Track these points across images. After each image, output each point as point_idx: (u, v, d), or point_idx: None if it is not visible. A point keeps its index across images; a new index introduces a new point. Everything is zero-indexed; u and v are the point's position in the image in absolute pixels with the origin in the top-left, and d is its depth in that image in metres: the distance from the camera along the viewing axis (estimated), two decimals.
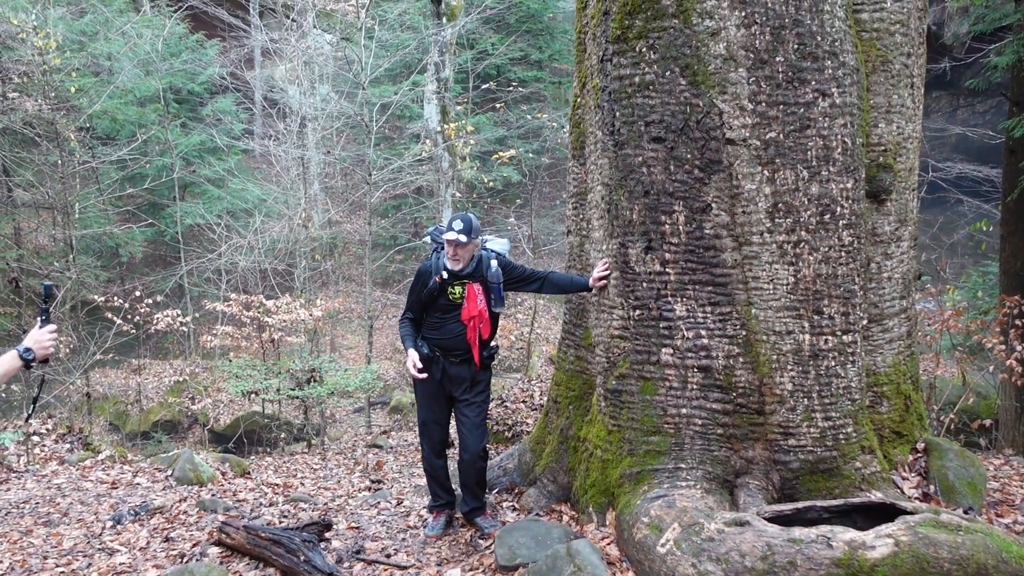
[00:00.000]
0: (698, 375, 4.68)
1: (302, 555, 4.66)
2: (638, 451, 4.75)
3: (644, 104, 4.69)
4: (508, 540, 4.72)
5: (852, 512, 4.18)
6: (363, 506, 6.27)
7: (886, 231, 5.12)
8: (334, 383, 11.85)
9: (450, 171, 18.20)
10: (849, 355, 4.66)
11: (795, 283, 4.58)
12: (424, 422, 5.35)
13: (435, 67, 18.24)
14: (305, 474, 9.09)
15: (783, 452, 4.63)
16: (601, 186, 5.03)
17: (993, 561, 3.78)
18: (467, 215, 5.07)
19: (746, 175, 4.57)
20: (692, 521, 4.09)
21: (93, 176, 18.60)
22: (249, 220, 19.51)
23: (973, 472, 5.11)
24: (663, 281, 4.73)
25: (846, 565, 3.67)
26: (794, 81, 4.51)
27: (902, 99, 5.06)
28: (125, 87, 19.80)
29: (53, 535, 5.95)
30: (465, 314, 5.09)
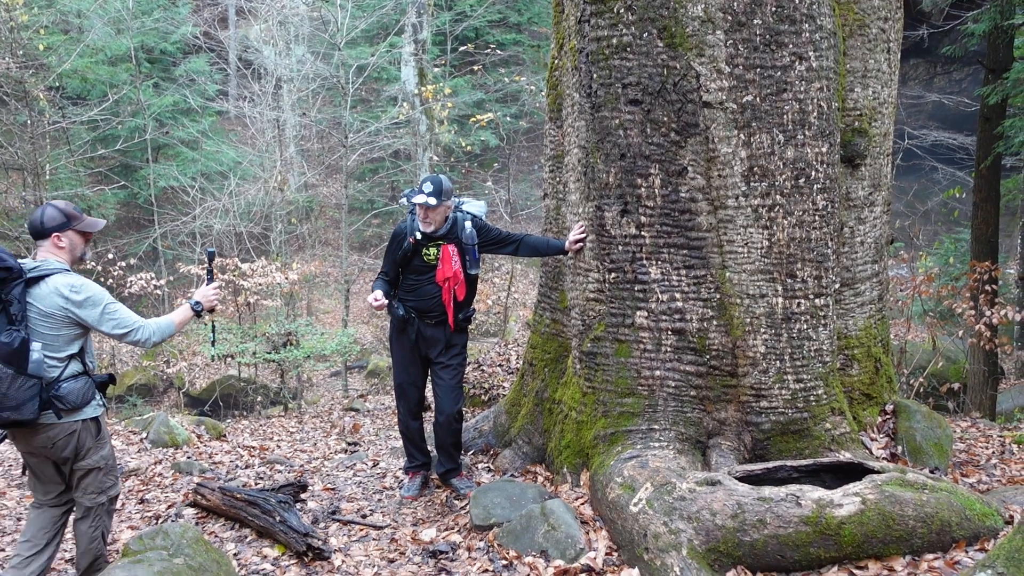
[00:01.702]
0: (672, 338, 4.72)
1: (278, 516, 4.68)
2: (612, 413, 4.80)
3: (621, 66, 4.67)
4: (483, 500, 4.77)
5: (821, 472, 4.26)
6: (339, 468, 6.30)
7: (860, 196, 5.16)
8: (311, 347, 11.83)
9: (428, 135, 18.07)
10: (821, 318, 4.71)
11: (769, 247, 4.60)
12: (400, 384, 5.37)
13: (412, 28, 18.03)
14: (281, 437, 9.10)
15: (755, 413, 4.69)
16: (578, 149, 5.02)
17: (956, 519, 3.87)
18: (438, 176, 5.04)
19: (722, 138, 4.57)
20: (664, 481, 4.15)
21: (64, 137, 18.28)
22: (224, 183, 19.30)
23: (940, 433, 5.21)
24: (638, 244, 4.74)
25: (814, 523, 3.74)
26: (771, 44, 4.50)
27: (878, 64, 5.07)
28: (95, 46, 19.39)
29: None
30: (440, 275, 5.09)
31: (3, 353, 3.54)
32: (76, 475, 3.92)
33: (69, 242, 3.86)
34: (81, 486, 3.94)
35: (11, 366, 3.55)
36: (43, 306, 3.68)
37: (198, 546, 3.91)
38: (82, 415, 3.82)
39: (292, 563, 4.44)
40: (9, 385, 3.54)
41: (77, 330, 3.80)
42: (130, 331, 3.83)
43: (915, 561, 3.78)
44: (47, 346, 3.69)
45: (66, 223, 3.83)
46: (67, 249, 3.86)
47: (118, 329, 3.80)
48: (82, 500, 3.97)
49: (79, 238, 3.92)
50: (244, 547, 4.69)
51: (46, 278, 3.70)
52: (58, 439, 3.77)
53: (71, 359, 3.78)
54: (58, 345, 3.74)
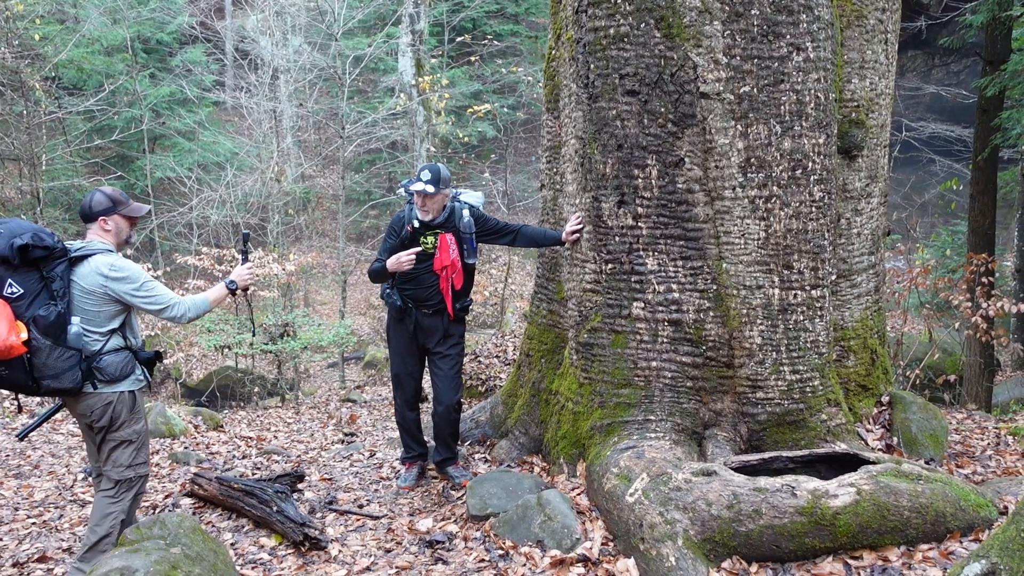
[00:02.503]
0: (668, 329, 4.72)
1: (275, 505, 4.68)
2: (609, 403, 4.80)
3: (618, 56, 4.66)
4: (480, 490, 4.78)
5: (817, 462, 4.27)
6: (336, 458, 6.31)
7: (857, 187, 5.16)
8: (308, 338, 11.83)
9: (425, 126, 18.03)
10: (817, 310, 4.72)
11: (766, 238, 4.61)
12: (397, 375, 5.36)
13: (410, 19, 17.97)
14: (278, 428, 9.11)
15: (751, 404, 4.70)
16: (575, 139, 5.02)
17: (951, 509, 3.88)
18: (435, 165, 5.04)
19: (719, 129, 4.57)
20: (660, 471, 4.16)
21: (60, 127, 18.23)
22: (221, 173, 19.26)
23: (935, 424, 5.22)
24: (635, 235, 4.74)
25: (809, 513, 3.75)
26: (769, 35, 4.49)
27: (876, 55, 5.07)
28: (92, 36, 19.33)
29: (24, 487, 5.94)
30: (438, 264, 5.08)
31: (42, 325, 3.80)
32: (108, 446, 4.11)
33: (115, 226, 4.13)
34: (111, 458, 4.12)
35: (49, 337, 3.81)
36: (85, 284, 3.93)
37: (195, 535, 3.91)
38: (119, 387, 4.05)
39: (289, 553, 4.45)
40: (48, 355, 3.80)
41: (117, 307, 4.04)
42: (165, 307, 4.08)
43: (910, 551, 3.80)
44: (88, 321, 3.94)
45: (112, 208, 4.11)
46: (113, 232, 4.13)
47: (154, 306, 4.06)
48: (110, 473, 4.12)
49: (125, 222, 4.18)
50: (241, 537, 4.70)
51: (88, 258, 3.96)
52: (95, 407, 4.00)
53: (112, 334, 4.04)
54: (99, 321, 3.99)
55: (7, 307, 3.75)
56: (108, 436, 4.08)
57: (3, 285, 3.79)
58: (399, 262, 4.95)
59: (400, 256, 4.96)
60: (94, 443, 4.18)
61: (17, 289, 3.80)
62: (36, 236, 3.81)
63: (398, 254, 4.98)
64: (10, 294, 3.79)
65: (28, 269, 3.82)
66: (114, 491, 4.12)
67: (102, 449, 4.13)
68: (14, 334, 3.71)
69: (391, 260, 4.98)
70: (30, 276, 3.83)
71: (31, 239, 3.78)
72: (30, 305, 3.80)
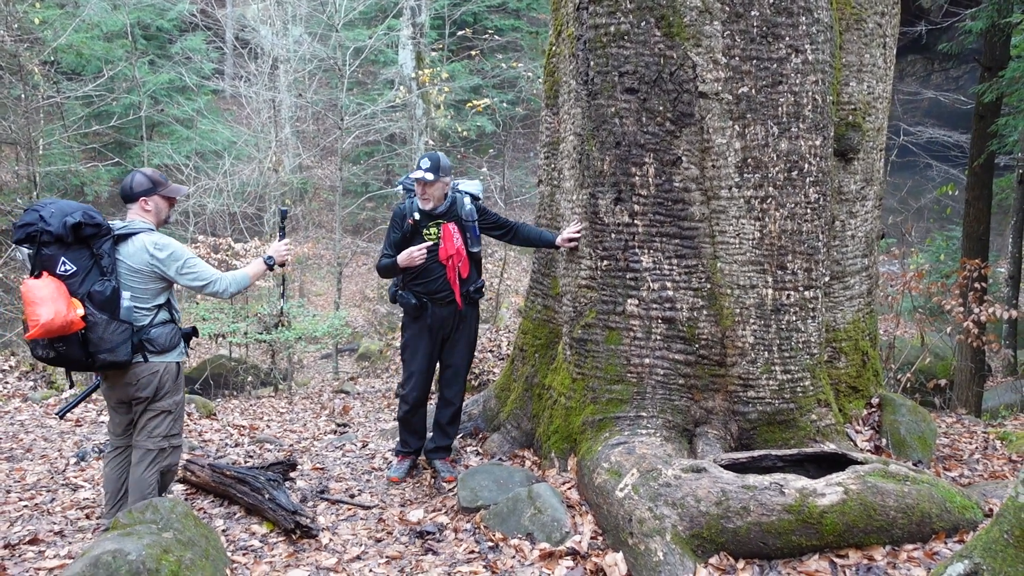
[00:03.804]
0: (662, 326, 4.75)
1: (266, 493, 4.71)
2: (601, 399, 4.83)
3: (618, 54, 4.68)
4: (471, 483, 4.81)
5: (805, 461, 4.31)
6: (328, 448, 6.34)
7: (852, 190, 5.19)
8: (302, 328, 11.84)
9: (424, 119, 18.02)
10: (810, 311, 4.75)
11: (761, 238, 4.64)
12: (412, 373, 5.28)
13: (411, 11, 17.95)
14: (271, 417, 9.14)
15: (742, 403, 4.73)
16: (573, 136, 5.04)
17: (937, 510, 3.92)
18: (435, 153, 5.06)
19: (717, 129, 4.60)
20: (650, 467, 4.19)
21: (58, 112, 18.18)
22: (218, 162, 19.23)
23: (924, 427, 5.27)
24: (631, 232, 4.77)
25: (797, 511, 3.79)
26: (768, 36, 4.52)
27: (874, 58, 5.10)
28: (91, 21, 19.27)
29: (16, 470, 5.95)
30: (443, 253, 5.09)
31: (98, 300, 4.00)
32: (148, 415, 4.28)
33: (155, 206, 4.33)
34: (148, 428, 4.29)
35: (105, 312, 4.02)
36: (132, 263, 4.16)
37: (187, 520, 3.93)
38: (167, 358, 4.29)
39: (280, 540, 4.48)
40: (104, 329, 4.00)
41: (162, 283, 4.28)
42: (208, 283, 4.30)
43: (895, 551, 3.84)
44: (136, 297, 4.18)
45: (152, 188, 4.31)
46: (153, 212, 4.33)
47: (197, 281, 4.28)
48: (146, 443, 4.28)
49: (164, 202, 4.39)
50: (233, 523, 4.73)
51: (132, 236, 4.16)
52: (142, 376, 4.21)
53: (159, 309, 4.28)
54: (146, 297, 4.23)
55: (62, 284, 3.92)
56: (150, 406, 4.26)
57: (57, 263, 3.95)
58: (411, 257, 4.99)
59: (412, 251, 5.00)
60: (128, 416, 4.35)
61: (71, 267, 3.97)
62: (86, 215, 3.99)
63: (409, 249, 5.01)
64: (64, 272, 3.96)
65: (79, 247, 3.99)
66: (148, 462, 4.28)
67: (141, 420, 4.29)
68: (73, 310, 3.88)
69: (403, 256, 5.01)
70: (82, 254, 4.00)
71: (82, 217, 3.96)
72: (83, 282, 3.98)
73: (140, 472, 4.29)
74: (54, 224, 3.91)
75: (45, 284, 3.90)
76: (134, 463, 4.33)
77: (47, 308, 3.82)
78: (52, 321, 3.82)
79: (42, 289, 3.87)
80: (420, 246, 5.04)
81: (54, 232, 3.91)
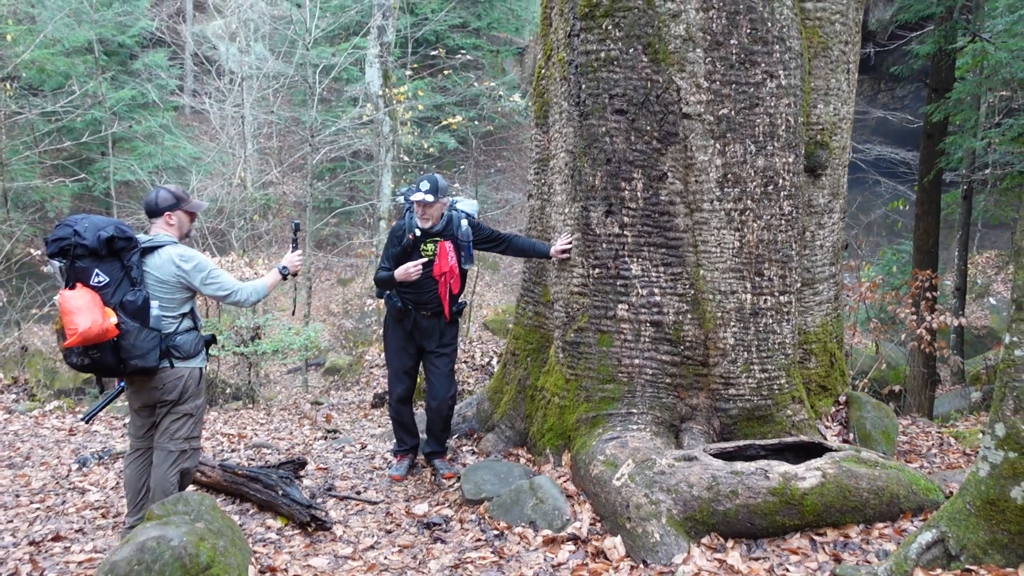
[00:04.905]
0: (650, 329, 5.13)
1: (280, 490, 4.96)
2: (594, 397, 5.19)
3: (608, 78, 5.07)
4: (473, 477, 5.12)
5: (785, 450, 4.70)
6: (328, 450, 6.59)
7: (820, 203, 5.64)
8: (279, 340, 12.02)
9: (391, 136, 18.32)
10: (785, 314, 5.16)
11: (740, 247, 5.04)
12: (395, 372, 5.67)
13: (378, 31, 18.27)
14: (254, 427, 9.30)
15: (724, 400, 5.12)
16: (565, 153, 5.41)
17: (904, 492, 4.34)
18: (434, 176, 5.38)
19: (699, 147, 5.00)
20: (645, 457, 4.55)
21: (26, 128, 18.14)
22: (181, 178, 19.29)
23: (887, 423, 5.71)
24: (621, 242, 5.14)
25: (780, 493, 4.17)
26: (746, 63, 4.94)
27: (839, 83, 5.56)
28: (54, 36, 19.26)
29: (20, 476, 6.10)
30: (437, 270, 5.41)
31: (130, 309, 4.20)
32: (170, 419, 4.47)
33: (178, 220, 4.55)
34: (170, 430, 4.47)
35: (137, 320, 4.22)
36: (159, 274, 4.35)
37: (215, 513, 4.18)
38: (191, 364, 4.49)
39: (296, 533, 4.74)
40: (136, 336, 4.21)
41: (187, 293, 4.47)
42: (230, 293, 4.55)
43: (868, 529, 4.24)
44: (163, 306, 4.35)
45: (176, 204, 4.54)
46: (176, 226, 4.55)
47: (220, 291, 4.52)
48: (168, 445, 4.46)
49: (186, 217, 4.61)
50: (247, 519, 4.97)
51: (159, 249, 4.37)
52: (167, 381, 4.40)
53: (183, 317, 4.45)
54: (172, 306, 4.40)
55: (96, 295, 4.12)
56: (173, 409, 4.46)
57: (90, 275, 4.16)
58: (407, 273, 5.29)
59: (408, 267, 5.30)
60: (150, 419, 4.55)
61: (104, 278, 4.17)
62: (118, 228, 4.21)
63: (406, 265, 5.31)
64: (97, 283, 4.16)
65: (111, 259, 4.20)
66: (169, 463, 4.46)
67: (163, 422, 4.48)
68: (107, 319, 4.09)
69: (399, 271, 5.32)
70: (113, 266, 4.21)
71: (115, 231, 4.18)
72: (115, 292, 4.18)
73: (162, 472, 4.49)
74: (89, 238, 4.13)
75: (81, 295, 4.10)
76: (156, 464, 4.53)
77: (84, 317, 4.03)
78: (89, 329, 4.02)
79: (78, 299, 4.08)
80: (416, 262, 5.36)
81: (89, 245, 4.13)
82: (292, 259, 4.94)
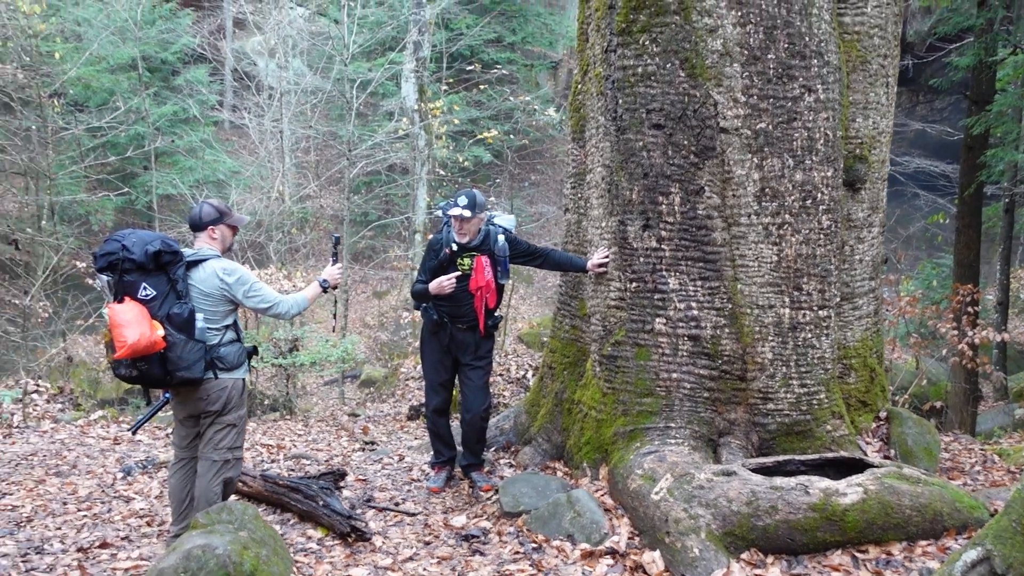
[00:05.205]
0: (688, 343, 5.13)
1: (320, 500, 5.03)
2: (632, 411, 5.20)
3: (645, 93, 5.10)
4: (511, 490, 5.15)
5: (825, 466, 4.67)
6: (367, 461, 6.65)
7: (860, 217, 5.61)
8: (316, 352, 12.15)
9: (426, 149, 18.48)
10: (824, 328, 5.14)
11: (778, 261, 5.04)
12: (430, 383, 5.73)
13: (414, 46, 18.47)
14: (292, 438, 9.41)
15: (762, 415, 5.11)
16: (602, 168, 5.44)
17: (948, 509, 4.29)
18: (471, 191, 5.44)
19: (737, 161, 5.01)
20: (683, 472, 4.55)
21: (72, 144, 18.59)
22: (220, 192, 19.59)
23: (929, 439, 5.64)
24: (658, 256, 5.16)
25: (821, 509, 4.15)
26: (783, 77, 4.95)
27: (878, 97, 5.54)
28: (99, 54, 19.71)
29: (67, 484, 6.24)
30: (473, 284, 5.46)
31: (177, 322, 4.30)
32: (214, 429, 4.55)
33: (221, 234, 4.65)
34: (214, 440, 4.55)
35: (183, 333, 4.31)
36: (204, 287, 4.43)
37: (258, 522, 4.25)
38: (235, 375, 4.58)
39: (336, 543, 4.80)
40: (182, 348, 4.30)
41: (230, 306, 4.55)
42: (271, 305, 4.61)
43: (910, 546, 4.20)
44: (208, 319, 4.42)
45: (219, 218, 4.63)
46: (219, 240, 4.65)
47: (262, 304, 4.58)
48: (211, 455, 4.55)
49: (229, 231, 4.70)
50: (288, 529, 5.04)
51: (203, 263, 4.46)
52: (212, 391, 4.49)
53: (227, 329, 4.54)
54: (217, 318, 4.48)
55: (144, 308, 4.22)
56: (217, 420, 4.53)
57: (138, 288, 4.26)
58: (441, 286, 5.35)
59: (442, 280, 5.36)
60: (194, 429, 4.63)
61: (151, 291, 4.28)
62: (164, 243, 4.31)
63: (439, 278, 5.37)
64: (144, 296, 4.26)
65: (158, 273, 4.29)
66: (213, 473, 4.54)
67: (207, 433, 4.56)
68: (155, 331, 4.19)
69: (433, 284, 5.38)
70: (160, 279, 4.30)
71: (162, 245, 4.28)
72: (161, 305, 4.28)
73: (206, 482, 4.58)
74: (136, 252, 4.23)
75: (129, 308, 4.21)
76: (200, 474, 4.61)
77: (133, 330, 4.13)
78: (138, 342, 4.12)
79: (127, 313, 4.18)
80: (449, 276, 5.41)
81: (136, 260, 4.23)
82: (332, 272, 4.99)
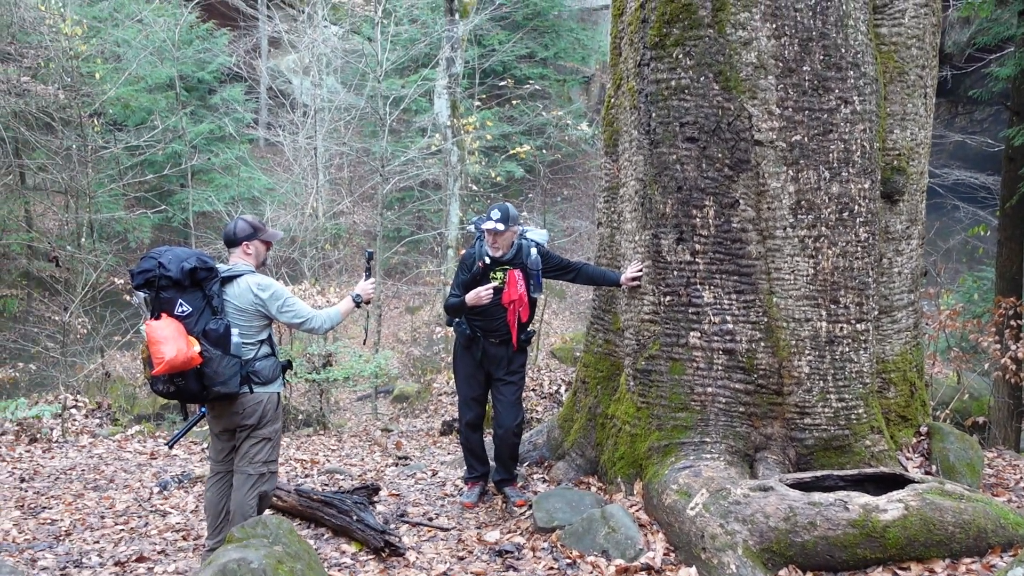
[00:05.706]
0: (723, 357, 5.08)
1: (355, 515, 5.03)
2: (666, 426, 5.15)
3: (679, 106, 5.08)
4: (545, 505, 5.12)
5: (865, 481, 4.59)
6: (400, 476, 6.66)
7: (898, 229, 5.53)
8: (349, 367, 12.21)
9: (459, 165, 18.57)
10: (862, 342, 5.07)
11: (814, 274, 4.98)
12: (463, 398, 5.73)
13: (447, 62, 18.59)
14: (326, 453, 9.45)
15: (799, 430, 5.03)
16: (635, 181, 5.42)
17: (992, 526, 4.19)
18: (504, 205, 5.44)
19: (772, 174, 4.97)
20: (719, 487, 4.50)
21: (111, 162, 18.94)
22: (255, 208, 19.83)
23: (972, 455, 5.52)
24: (693, 270, 5.12)
25: (861, 525, 4.07)
26: (819, 89, 4.91)
27: (916, 108, 5.47)
28: (138, 74, 20.09)
29: (104, 498, 6.32)
30: (506, 298, 5.46)
31: (213, 337, 4.34)
32: (249, 443, 4.58)
33: (255, 250, 4.69)
34: (250, 454, 4.58)
35: (219, 347, 4.35)
36: (239, 302, 4.48)
37: (292, 536, 4.26)
38: (270, 389, 4.62)
39: (370, 558, 4.79)
40: (219, 363, 4.32)
41: (265, 321, 4.58)
42: (305, 320, 4.64)
43: (953, 564, 4.10)
44: (243, 334, 4.46)
45: (253, 234, 4.68)
46: (253, 255, 4.69)
47: (296, 319, 4.62)
48: (247, 468, 4.58)
49: (263, 246, 4.76)
50: (322, 544, 5.05)
51: (237, 278, 4.51)
52: (247, 406, 4.53)
53: (261, 344, 4.57)
54: (251, 333, 4.53)
55: (181, 324, 4.26)
56: (252, 433, 4.57)
57: (175, 305, 4.31)
58: (478, 296, 5.35)
59: (479, 291, 5.35)
60: (230, 443, 4.66)
61: (187, 308, 4.32)
62: (200, 259, 4.37)
63: (477, 290, 5.37)
64: (181, 312, 4.31)
65: (194, 289, 4.34)
66: (249, 487, 4.57)
67: (243, 447, 4.59)
68: (191, 347, 4.23)
69: (470, 295, 5.37)
70: (196, 295, 4.35)
71: (197, 262, 4.33)
72: (198, 321, 4.32)
73: (242, 496, 4.60)
74: (173, 269, 4.27)
75: (166, 324, 4.25)
76: (236, 487, 4.64)
77: (170, 346, 4.17)
78: (175, 358, 4.16)
79: (164, 329, 4.22)
80: (487, 287, 5.41)
81: (173, 277, 4.27)
82: (365, 287, 5.01)
